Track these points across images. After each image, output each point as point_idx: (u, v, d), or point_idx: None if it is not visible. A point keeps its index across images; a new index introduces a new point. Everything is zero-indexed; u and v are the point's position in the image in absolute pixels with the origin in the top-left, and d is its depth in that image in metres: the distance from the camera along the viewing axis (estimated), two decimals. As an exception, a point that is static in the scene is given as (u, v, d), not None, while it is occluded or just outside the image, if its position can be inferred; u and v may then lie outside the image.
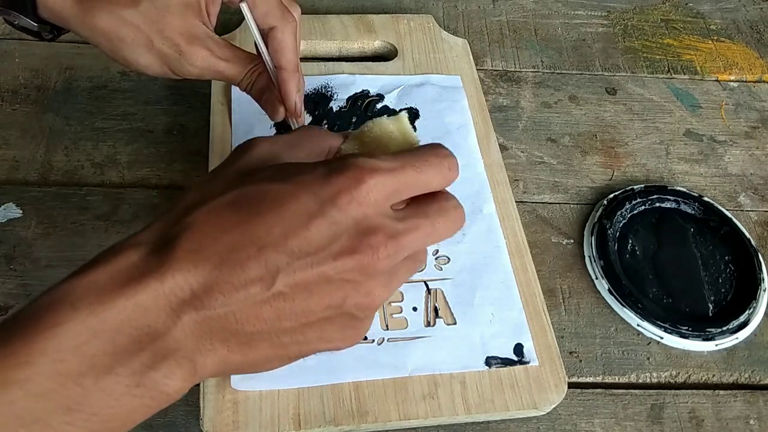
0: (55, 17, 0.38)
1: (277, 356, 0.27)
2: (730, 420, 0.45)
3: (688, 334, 0.47)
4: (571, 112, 0.61)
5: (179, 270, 0.24)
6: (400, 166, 0.27)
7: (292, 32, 0.40)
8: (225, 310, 0.25)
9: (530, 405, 0.42)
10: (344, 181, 0.26)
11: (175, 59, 0.39)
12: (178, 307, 0.24)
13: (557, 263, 0.51)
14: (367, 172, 0.26)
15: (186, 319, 0.24)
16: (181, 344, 0.25)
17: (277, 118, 0.42)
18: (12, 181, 0.51)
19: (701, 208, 0.54)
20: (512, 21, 0.69)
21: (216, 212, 0.26)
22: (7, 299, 0.45)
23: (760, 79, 0.67)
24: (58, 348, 0.22)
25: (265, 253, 0.25)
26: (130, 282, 0.24)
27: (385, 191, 0.27)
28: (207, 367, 0.25)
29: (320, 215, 0.26)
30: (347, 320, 0.28)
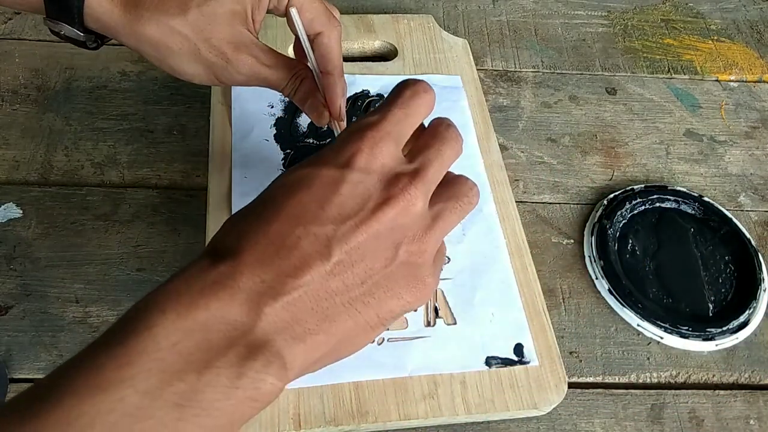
0: (102, 27, 0.39)
1: (358, 327, 0.28)
2: (730, 420, 0.45)
3: (688, 334, 0.47)
4: (571, 112, 0.61)
5: (246, 265, 0.26)
6: (387, 111, 0.30)
7: (338, 37, 0.41)
8: (299, 293, 0.26)
9: (530, 405, 0.42)
10: (353, 145, 0.29)
11: (222, 67, 0.39)
12: (256, 299, 0.25)
13: (557, 263, 0.51)
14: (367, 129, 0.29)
15: (267, 311, 0.25)
16: (269, 335, 0.25)
17: (322, 122, 0.42)
18: (12, 181, 0.51)
19: (701, 208, 0.54)
20: (512, 21, 0.69)
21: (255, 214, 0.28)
22: (7, 299, 0.45)
23: (760, 79, 0.67)
24: (155, 348, 0.24)
25: (311, 228, 0.27)
26: (207, 284, 0.26)
27: (388, 138, 0.29)
28: (296, 357, 0.26)
29: (344, 179, 0.28)
30: (408, 271, 0.29)
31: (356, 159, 0.28)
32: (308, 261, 0.26)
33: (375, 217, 0.28)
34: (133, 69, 0.59)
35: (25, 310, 0.45)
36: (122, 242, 0.48)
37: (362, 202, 0.28)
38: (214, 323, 0.25)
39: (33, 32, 0.61)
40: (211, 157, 0.51)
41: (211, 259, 0.27)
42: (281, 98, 0.55)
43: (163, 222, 0.50)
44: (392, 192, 0.28)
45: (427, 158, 0.30)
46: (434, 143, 0.31)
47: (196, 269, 0.26)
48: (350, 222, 0.27)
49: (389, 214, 0.28)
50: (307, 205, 0.27)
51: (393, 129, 0.30)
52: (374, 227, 0.27)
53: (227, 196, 0.48)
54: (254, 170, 0.50)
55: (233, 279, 0.26)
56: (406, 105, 0.31)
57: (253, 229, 0.27)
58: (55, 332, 0.44)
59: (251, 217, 0.28)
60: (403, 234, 0.29)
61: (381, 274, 0.28)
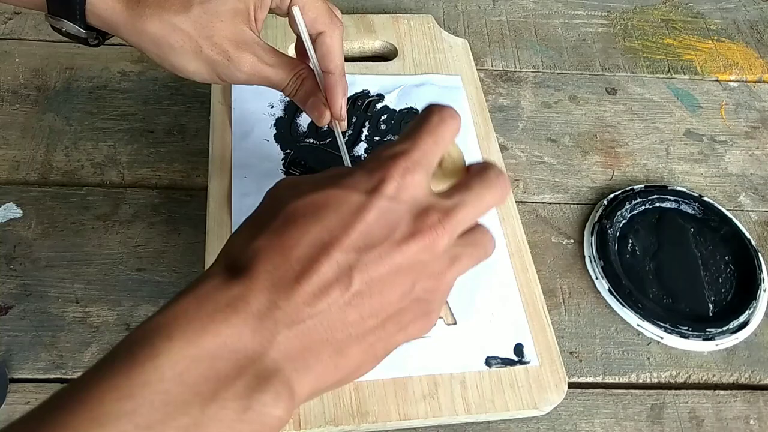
0: (103, 24, 0.38)
1: (367, 359, 0.27)
2: (730, 420, 0.45)
3: (688, 334, 0.47)
4: (571, 112, 0.61)
5: (261, 290, 0.25)
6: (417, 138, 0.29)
7: (340, 37, 0.41)
8: (313, 321, 0.25)
9: (530, 405, 0.42)
10: (384, 171, 0.27)
11: (224, 65, 0.39)
12: (270, 325, 0.24)
13: (557, 263, 0.51)
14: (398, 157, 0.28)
15: (280, 338, 0.24)
16: (279, 365, 0.24)
17: (323, 122, 0.42)
18: (12, 181, 0.51)
19: (701, 208, 0.54)
20: (512, 21, 0.69)
21: (276, 232, 0.26)
22: (7, 299, 0.45)
23: (760, 79, 0.67)
24: (159, 378, 0.22)
25: (333, 254, 0.26)
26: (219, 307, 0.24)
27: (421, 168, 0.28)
28: (304, 388, 0.25)
29: (372, 206, 0.27)
30: (419, 306, 0.28)
31: (386, 186, 0.27)
32: (327, 289, 0.25)
33: (399, 249, 0.26)
34: (133, 69, 0.59)
35: (25, 310, 0.45)
36: (122, 242, 0.48)
37: (388, 232, 0.27)
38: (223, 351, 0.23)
39: (33, 32, 0.61)
40: (211, 157, 0.51)
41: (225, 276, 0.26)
42: (281, 98, 0.55)
43: (163, 222, 0.50)
44: (420, 226, 0.27)
45: (464, 200, 0.29)
46: (477, 187, 0.30)
47: (207, 287, 0.25)
48: (375, 252, 0.26)
49: (414, 248, 0.27)
50: (332, 230, 0.26)
51: (423, 158, 0.28)
52: (397, 260, 0.26)
53: (227, 196, 0.48)
54: (254, 170, 0.50)
55: (246, 302, 0.24)
56: (435, 132, 0.29)
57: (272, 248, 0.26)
58: (55, 332, 0.44)
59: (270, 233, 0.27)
60: (422, 271, 0.28)
61: (395, 308, 0.27)
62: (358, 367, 0.27)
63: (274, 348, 0.24)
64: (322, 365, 0.26)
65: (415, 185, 0.28)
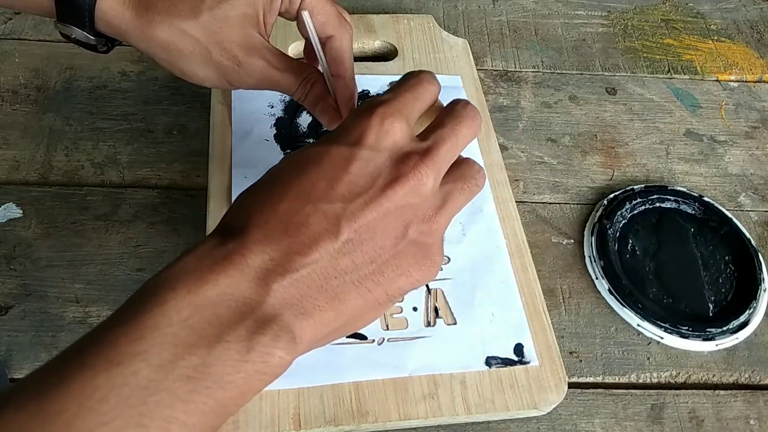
0: (112, 30, 0.39)
1: (368, 305, 0.29)
2: (730, 420, 0.45)
3: (688, 334, 0.47)
4: (571, 112, 0.61)
5: (255, 243, 0.26)
6: (396, 92, 0.31)
7: (349, 40, 0.41)
8: (307, 270, 0.26)
9: (530, 405, 0.42)
10: (364, 122, 0.29)
11: (233, 70, 0.39)
12: (265, 276, 0.26)
13: (557, 263, 0.51)
14: (377, 106, 0.29)
15: (275, 287, 0.26)
16: (277, 311, 0.26)
17: (333, 126, 0.42)
18: (12, 181, 0.51)
19: (701, 208, 0.54)
20: (512, 21, 0.69)
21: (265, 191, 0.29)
22: (7, 299, 0.45)
23: (760, 79, 0.67)
24: (167, 323, 0.24)
25: (320, 206, 0.27)
26: (216, 261, 0.26)
27: (399, 117, 0.29)
28: (305, 332, 0.27)
29: (355, 157, 0.28)
30: (417, 249, 0.29)
31: (366, 136, 0.28)
32: (317, 239, 0.27)
33: (385, 195, 0.28)
34: (133, 69, 0.59)
35: (25, 310, 0.45)
36: (122, 242, 0.48)
37: (372, 180, 0.28)
38: (223, 299, 0.25)
39: (33, 32, 0.61)
40: (211, 157, 0.51)
41: (221, 236, 0.27)
42: (281, 98, 0.55)
43: (163, 222, 0.50)
44: (402, 170, 0.28)
45: (440, 137, 0.30)
46: (449, 122, 0.31)
47: (205, 247, 0.27)
48: (359, 200, 0.27)
49: (399, 192, 0.28)
50: (316, 182, 0.28)
51: (403, 108, 0.30)
52: (384, 205, 0.27)
53: (227, 196, 0.48)
54: (254, 170, 0.50)
55: (242, 255, 0.26)
56: (414, 89, 0.31)
57: (262, 207, 0.28)
58: (55, 332, 0.44)
59: (260, 194, 0.28)
60: (413, 213, 0.29)
61: (390, 253, 0.28)
62: (361, 312, 0.29)
63: (271, 296, 0.26)
64: (321, 311, 0.27)
65: (394, 132, 0.29)
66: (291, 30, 0.46)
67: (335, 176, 0.28)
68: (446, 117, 0.31)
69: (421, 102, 0.31)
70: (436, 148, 0.29)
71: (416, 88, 0.31)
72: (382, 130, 0.29)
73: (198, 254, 0.26)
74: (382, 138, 0.29)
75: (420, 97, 0.31)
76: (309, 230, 0.27)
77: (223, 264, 0.26)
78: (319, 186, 0.27)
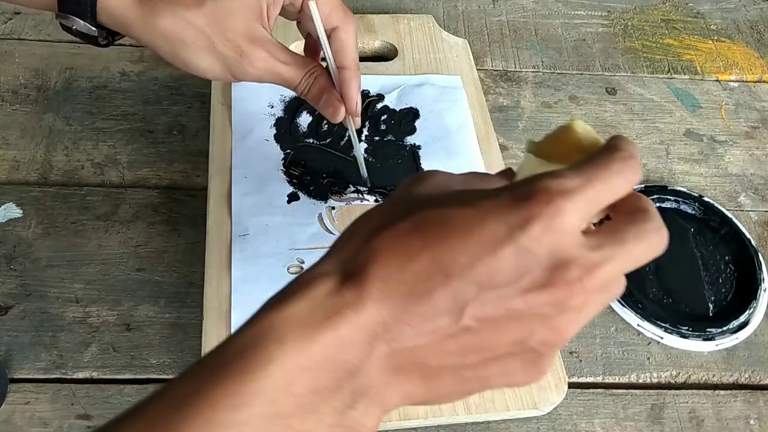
0: (115, 22, 0.38)
1: (457, 391, 0.26)
2: (730, 420, 0.45)
3: (688, 334, 0.47)
4: (572, 112, 0.61)
5: (372, 300, 0.24)
6: (587, 181, 0.25)
7: (354, 32, 0.41)
8: (413, 344, 0.24)
9: (530, 405, 0.41)
10: (534, 206, 0.24)
11: (236, 61, 0.39)
12: (372, 340, 0.24)
13: (557, 263, 0.51)
14: (557, 195, 0.24)
15: (378, 354, 0.24)
16: (374, 380, 0.24)
17: (338, 119, 0.42)
18: (12, 181, 0.51)
19: (701, 208, 0.54)
20: (512, 21, 0.69)
21: (400, 238, 0.25)
22: (7, 299, 0.45)
23: (760, 79, 0.67)
24: (271, 387, 0.22)
25: (452, 282, 0.24)
26: (330, 314, 0.23)
27: (579, 214, 0.24)
28: (392, 402, 0.25)
29: (509, 243, 0.23)
30: (530, 356, 0.26)
31: (533, 226, 0.23)
32: (435, 315, 0.24)
33: (523, 298, 0.24)
34: (133, 69, 0.59)
35: (25, 310, 0.45)
36: (122, 242, 0.48)
37: (517, 275, 0.24)
38: (327, 362, 0.23)
39: (33, 32, 0.61)
40: (211, 157, 0.51)
41: (338, 277, 0.24)
42: (281, 98, 0.55)
43: (163, 222, 0.50)
44: (556, 278, 0.24)
45: (611, 254, 0.25)
46: (630, 239, 0.26)
47: (321, 289, 0.24)
48: (495, 292, 0.24)
49: (540, 300, 0.24)
50: (457, 256, 0.24)
51: (589, 204, 0.25)
52: (518, 307, 0.24)
53: (227, 196, 0.48)
54: (254, 170, 0.50)
55: (355, 312, 0.23)
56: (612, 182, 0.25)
57: (391, 253, 0.24)
58: (55, 332, 0.44)
59: (393, 235, 0.25)
60: (543, 323, 0.25)
61: (503, 352, 0.25)
62: (448, 394, 0.26)
63: (372, 364, 0.24)
64: (413, 387, 0.25)
65: (564, 231, 0.24)
66: (291, 30, 0.46)
67: (481, 256, 0.23)
68: (631, 230, 0.26)
69: (610, 198, 0.26)
70: (603, 267, 0.25)
71: (615, 180, 0.25)
72: (552, 226, 0.23)
73: (312, 300, 0.24)
74: (548, 235, 0.24)
75: (614, 192, 0.25)
76: (431, 303, 0.23)
77: (335, 319, 0.23)
78: (460, 260, 0.23)
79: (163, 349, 0.44)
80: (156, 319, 0.45)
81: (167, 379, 0.43)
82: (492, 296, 0.24)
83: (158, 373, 0.43)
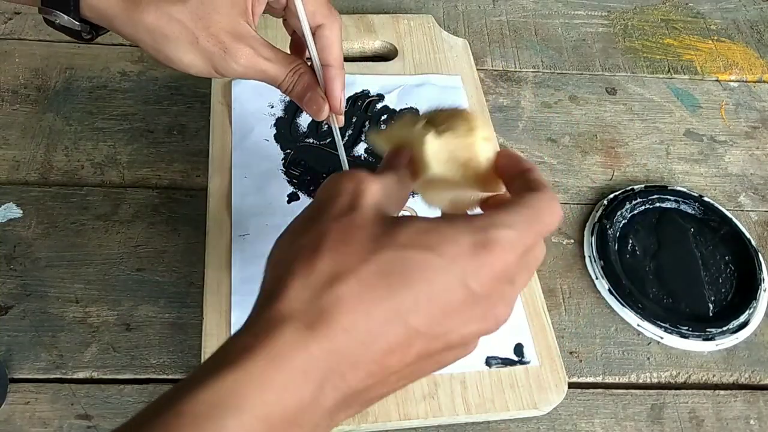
0: (98, 15, 0.38)
1: (384, 395, 0.28)
2: (730, 420, 0.45)
3: (688, 334, 0.47)
4: (571, 112, 0.61)
5: (335, 352, 0.24)
6: (528, 229, 0.27)
7: (338, 30, 0.41)
8: (364, 385, 0.25)
9: (530, 405, 0.42)
10: (490, 260, 0.26)
11: (220, 57, 0.39)
12: (325, 383, 0.24)
13: (557, 263, 0.51)
14: (509, 250, 0.26)
15: (330, 395, 0.24)
16: (325, 419, 0.25)
17: (321, 117, 0.42)
18: (12, 181, 0.51)
19: (701, 208, 0.54)
20: (512, 21, 0.69)
21: (366, 285, 0.25)
22: (7, 299, 0.45)
23: (760, 79, 0.67)
24: None
25: (410, 329, 0.25)
26: (294, 375, 0.23)
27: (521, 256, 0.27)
28: (336, 425, 0.26)
29: (468, 298, 0.26)
30: (466, 348, 0.29)
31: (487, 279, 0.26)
32: (387, 358, 0.25)
33: (462, 331, 0.27)
34: (133, 69, 0.59)
35: (25, 310, 0.45)
36: (122, 242, 0.48)
37: (466, 320, 0.26)
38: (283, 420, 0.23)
39: (33, 32, 0.61)
40: (211, 157, 0.51)
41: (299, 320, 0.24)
42: (281, 98, 0.55)
43: (163, 222, 0.50)
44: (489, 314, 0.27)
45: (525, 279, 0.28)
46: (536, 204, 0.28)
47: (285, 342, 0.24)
48: (444, 338, 0.26)
49: (480, 332, 0.27)
50: (420, 304, 0.25)
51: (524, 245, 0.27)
52: (453, 341, 0.27)
53: (227, 196, 0.48)
54: (254, 170, 0.50)
55: (317, 368, 0.24)
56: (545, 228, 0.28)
57: (359, 303, 0.24)
58: (55, 332, 0.44)
59: (358, 282, 0.25)
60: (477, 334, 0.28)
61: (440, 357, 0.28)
62: (378, 398, 0.28)
63: (322, 405, 0.24)
64: (351, 412, 0.26)
65: (513, 275, 0.27)
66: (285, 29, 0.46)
67: (439, 306, 0.25)
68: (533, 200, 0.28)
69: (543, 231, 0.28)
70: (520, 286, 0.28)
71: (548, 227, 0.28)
72: (505, 277, 0.26)
73: (275, 357, 0.23)
74: (502, 285, 0.27)
75: (547, 227, 0.28)
76: (387, 350, 0.25)
77: (297, 382, 0.23)
78: (421, 308, 0.25)
79: (163, 349, 0.44)
80: (156, 319, 0.45)
81: (166, 380, 0.43)
82: (440, 341, 0.26)
83: (158, 373, 0.43)
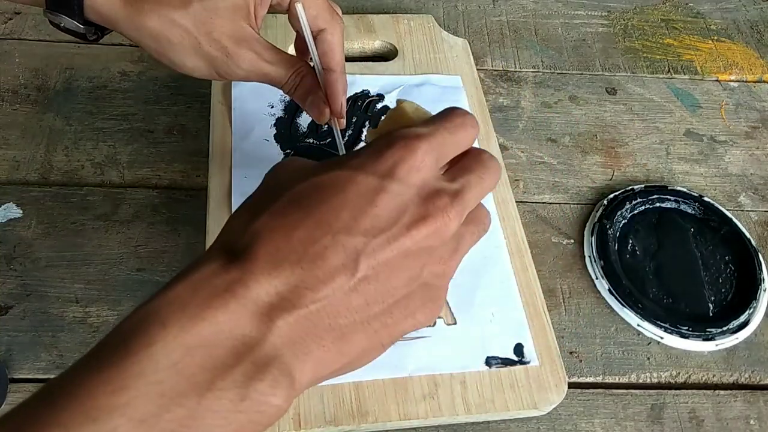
0: (102, 19, 0.38)
1: (372, 346, 0.27)
2: (730, 420, 0.45)
3: (689, 334, 0.47)
4: (571, 112, 0.61)
5: (261, 274, 0.24)
6: (436, 129, 0.28)
7: (340, 34, 0.41)
8: (316, 306, 0.24)
9: (530, 405, 0.42)
10: (397, 152, 0.26)
11: (222, 61, 0.39)
12: (269, 311, 0.24)
13: (557, 263, 0.51)
14: (415, 140, 0.27)
15: (280, 323, 0.24)
16: (279, 350, 0.24)
17: (322, 120, 0.42)
18: (12, 181, 0.51)
19: (701, 208, 0.54)
20: (512, 21, 0.69)
21: (280, 213, 0.26)
22: (7, 299, 0.45)
23: (760, 79, 0.67)
24: (154, 369, 0.22)
25: (341, 238, 0.25)
26: (216, 292, 0.23)
27: (434, 154, 0.27)
28: (305, 374, 0.25)
29: (383, 190, 0.26)
30: (426, 292, 0.28)
31: (399, 169, 0.26)
32: (332, 273, 0.24)
33: (409, 234, 0.26)
34: (133, 69, 0.59)
35: (25, 310, 0.45)
36: (122, 242, 0.48)
37: (397, 217, 0.26)
38: (220, 338, 0.23)
39: (33, 32, 0.61)
40: (211, 157, 0.51)
41: (223, 259, 0.25)
42: (281, 98, 0.55)
43: (163, 222, 0.50)
44: (430, 210, 0.26)
45: (468, 182, 0.28)
46: (477, 168, 0.29)
47: (204, 271, 0.24)
48: (383, 236, 0.25)
49: (423, 232, 0.26)
50: (339, 212, 0.25)
51: (439, 147, 0.28)
52: (406, 245, 0.26)
53: (227, 196, 0.48)
54: (254, 170, 0.50)
55: (246, 287, 0.23)
56: (455, 132, 0.29)
57: (274, 230, 0.25)
58: (55, 332, 0.44)
59: (273, 214, 0.26)
60: (430, 255, 0.27)
61: (402, 293, 0.27)
62: (363, 353, 0.27)
63: (274, 334, 0.23)
64: (325, 351, 0.25)
65: (426, 169, 0.27)
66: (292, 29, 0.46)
67: (360, 208, 0.25)
68: (474, 163, 0.29)
69: (456, 146, 0.29)
70: (465, 192, 0.28)
71: (458, 131, 0.29)
72: (414, 166, 0.26)
73: (194, 281, 0.24)
74: (413, 173, 0.26)
75: (459, 142, 0.29)
76: (325, 263, 0.24)
77: (224, 296, 0.23)
78: (342, 216, 0.25)
79: (163, 349, 0.44)
80: (156, 319, 0.45)
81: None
82: (380, 241, 0.25)
83: (158, 373, 0.43)
